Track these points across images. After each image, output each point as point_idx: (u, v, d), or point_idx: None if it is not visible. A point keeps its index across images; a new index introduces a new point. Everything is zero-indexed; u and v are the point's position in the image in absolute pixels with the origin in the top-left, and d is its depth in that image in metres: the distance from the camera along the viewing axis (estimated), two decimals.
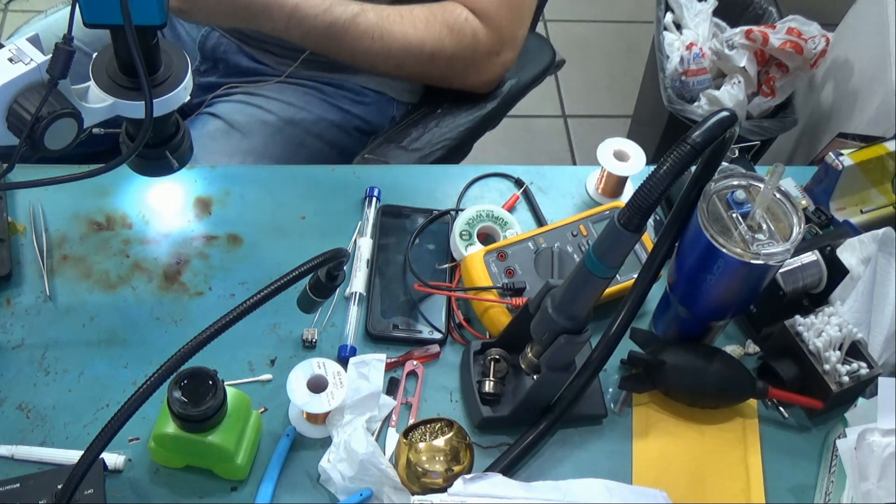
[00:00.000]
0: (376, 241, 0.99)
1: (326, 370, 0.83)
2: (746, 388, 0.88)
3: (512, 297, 0.89)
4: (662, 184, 0.67)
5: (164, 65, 0.73)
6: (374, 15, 1.06)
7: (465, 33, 1.08)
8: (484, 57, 1.12)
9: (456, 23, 1.08)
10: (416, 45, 1.08)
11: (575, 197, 1.07)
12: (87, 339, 0.89)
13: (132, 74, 0.71)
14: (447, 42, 1.08)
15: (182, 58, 0.75)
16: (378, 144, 1.17)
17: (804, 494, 0.86)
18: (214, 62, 1.27)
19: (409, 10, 1.08)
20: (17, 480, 0.75)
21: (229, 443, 0.77)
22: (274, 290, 0.71)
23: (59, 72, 0.67)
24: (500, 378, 0.87)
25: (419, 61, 1.10)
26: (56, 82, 0.67)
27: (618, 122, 2.34)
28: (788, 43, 1.71)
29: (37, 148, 0.68)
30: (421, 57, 1.09)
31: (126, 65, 0.71)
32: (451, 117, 1.18)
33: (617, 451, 0.87)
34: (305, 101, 1.21)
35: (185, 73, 0.74)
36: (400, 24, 1.07)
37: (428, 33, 1.07)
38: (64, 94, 0.69)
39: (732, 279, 0.79)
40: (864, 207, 1.03)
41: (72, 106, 0.69)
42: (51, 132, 0.68)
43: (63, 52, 0.66)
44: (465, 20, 1.08)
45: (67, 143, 0.70)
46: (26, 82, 0.67)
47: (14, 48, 0.67)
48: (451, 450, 0.80)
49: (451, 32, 1.08)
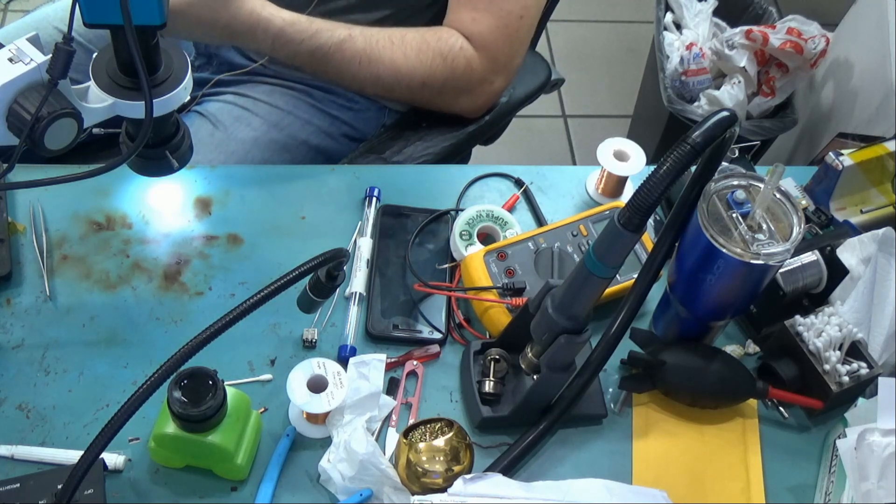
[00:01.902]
0: (376, 241, 0.99)
1: (326, 370, 0.83)
2: (746, 388, 0.88)
3: (512, 297, 0.89)
4: (662, 184, 0.67)
5: (165, 64, 0.73)
6: (362, 41, 1.05)
7: (458, 62, 1.07)
8: (477, 85, 1.11)
9: (450, 52, 1.07)
10: (405, 74, 1.07)
11: (575, 197, 1.07)
12: (87, 339, 0.89)
13: (132, 74, 0.71)
14: (439, 71, 1.07)
15: (182, 57, 0.74)
16: (360, 154, 1.17)
17: (804, 494, 0.86)
18: (208, 57, 1.27)
19: (400, 36, 1.06)
20: (17, 480, 0.75)
21: (229, 443, 0.77)
22: (274, 290, 0.71)
23: (58, 72, 0.67)
24: (500, 378, 0.87)
25: (409, 88, 1.09)
26: (56, 82, 0.67)
27: (618, 122, 2.34)
28: (788, 43, 1.71)
29: (37, 147, 0.68)
30: (412, 84, 1.08)
31: (126, 65, 0.71)
32: (436, 132, 1.17)
33: (617, 451, 0.87)
34: (294, 106, 1.20)
35: (185, 73, 0.73)
36: (389, 52, 1.06)
37: (419, 62, 1.06)
38: (64, 94, 0.69)
39: (732, 279, 0.79)
40: (864, 207, 1.03)
41: (72, 106, 0.69)
42: (51, 132, 0.68)
43: (63, 53, 0.66)
44: (459, 49, 1.07)
45: (68, 143, 0.70)
46: (26, 82, 0.67)
47: (14, 48, 0.68)
48: (451, 450, 0.80)
49: (444, 61, 1.07)
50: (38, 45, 0.68)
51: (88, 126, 0.72)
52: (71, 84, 0.70)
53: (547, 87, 1.30)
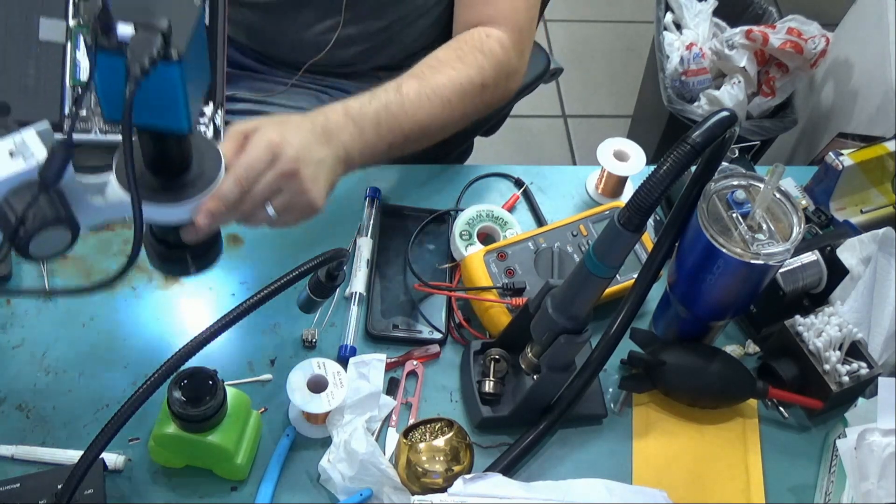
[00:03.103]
0: (376, 241, 0.99)
1: (326, 370, 0.83)
2: (746, 388, 0.88)
3: (512, 297, 0.89)
4: (662, 184, 0.67)
5: (196, 163, 0.68)
6: (414, 81, 0.99)
7: (493, 48, 1.06)
8: (516, 61, 1.09)
9: (482, 43, 1.05)
10: (466, 83, 1.02)
11: (575, 197, 1.07)
12: (87, 339, 0.89)
13: (159, 174, 0.66)
14: (486, 65, 1.04)
15: (216, 157, 0.69)
16: None
17: (804, 494, 0.86)
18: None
19: (434, 59, 1.03)
20: (17, 480, 0.75)
21: (229, 443, 0.77)
22: (274, 290, 0.71)
23: (53, 176, 0.60)
24: (500, 378, 0.87)
25: (474, 95, 1.04)
26: (48, 188, 0.60)
27: (618, 122, 2.34)
28: (788, 43, 1.71)
29: (21, 255, 0.61)
30: (474, 91, 1.03)
31: (152, 163, 0.66)
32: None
33: (617, 451, 0.87)
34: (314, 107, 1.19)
35: (216, 174, 0.68)
36: (441, 72, 1.01)
37: (467, 66, 1.03)
38: (64, 197, 0.63)
39: (732, 279, 0.79)
40: (864, 207, 1.03)
41: (66, 214, 0.62)
42: (38, 240, 0.61)
43: (59, 156, 0.60)
44: (486, 36, 1.06)
45: (59, 251, 0.64)
46: (21, 181, 0.60)
47: (19, 139, 0.61)
48: (451, 450, 0.80)
49: (483, 55, 1.05)
50: (48, 138, 0.62)
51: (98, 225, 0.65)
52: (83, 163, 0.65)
53: (546, 77, 1.30)
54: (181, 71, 0.58)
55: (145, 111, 0.59)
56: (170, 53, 0.57)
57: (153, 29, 0.56)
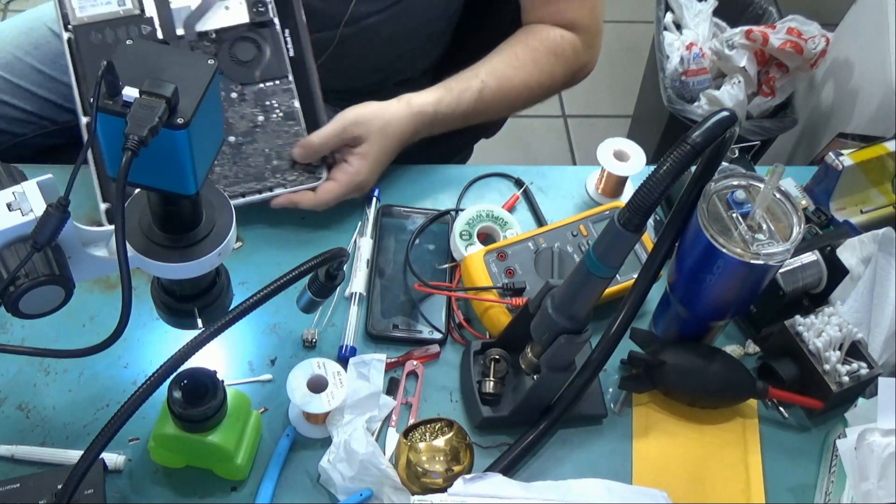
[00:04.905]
0: (376, 241, 0.99)
1: (326, 370, 0.83)
2: (746, 388, 0.88)
3: (512, 297, 0.89)
4: (662, 184, 0.67)
5: (207, 216, 0.66)
6: (494, 81, 1.04)
7: (566, 52, 1.09)
8: (584, 65, 1.13)
9: (557, 46, 1.08)
10: (535, 87, 1.08)
11: (575, 197, 1.07)
12: (87, 339, 0.89)
13: (166, 230, 0.65)
14: (557, 69, 1.09)
15: (228, 211, 0.67)
16: None
17: (804, 494, 0.86)
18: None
19: (514, 55, 1.07)
20: (17, 480, 0.75)
21: (229, 443, 0.77)
22: (274, 290, 0.71)
23: (45, 237, 0.58)
24: (500, 378, 0.87)
25: (540, 96, 1.11)
26: (40, 248, 0.58)
27: (618, 122, 2.34)
28: (788, 43, 1.70)
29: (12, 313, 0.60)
30: (541, 93, 1.10)
31: (160, 221, 0.65)
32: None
33: (617, 451, 0.87)
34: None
35: (227, 230, 0.66)
36: (516, 76, 1.06)
37: (540, 70, 1.08)
38: (60, 251, 0.62)
39: (732, 279, 0.79)
40: (864, 207, 1.03)
41: (61, 271, 0.60)
42: (29, 298, 0.60)
43: (53, 218, 0.58)
44: (560, 38, 1.09)
45: (51, 310, 0.63)
46: (16, 235, 0.59)
47: (20, 191, 0.60)
48: (451, 450, 0.80)
49: (556, 58, 1.08)
50: (51, 190, 0.61)
51: (100, 276, 0.63)
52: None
53: None
54: (187, 137, 0.56)
55: (150, 173, 0.58)
56: (175, 122, 0.55)
57: (158, 96, 0.54)
